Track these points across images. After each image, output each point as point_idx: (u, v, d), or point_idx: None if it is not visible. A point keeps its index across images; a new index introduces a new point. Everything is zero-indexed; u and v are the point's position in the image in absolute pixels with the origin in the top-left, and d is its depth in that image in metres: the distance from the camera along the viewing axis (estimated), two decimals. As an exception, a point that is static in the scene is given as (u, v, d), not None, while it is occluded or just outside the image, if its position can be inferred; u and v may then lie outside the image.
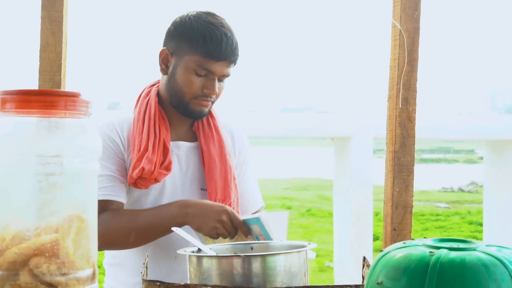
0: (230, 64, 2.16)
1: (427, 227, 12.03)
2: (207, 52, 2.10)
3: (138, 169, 2.09)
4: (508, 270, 1.09)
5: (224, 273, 1.50)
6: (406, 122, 2.09)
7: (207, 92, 2.15)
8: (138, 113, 2.21)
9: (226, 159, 2.26)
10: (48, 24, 2.07)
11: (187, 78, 2.14)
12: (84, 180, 1.25)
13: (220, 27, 2.13)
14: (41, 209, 1.22)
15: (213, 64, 2.12)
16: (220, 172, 2.22)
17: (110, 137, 2.18)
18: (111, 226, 2.08)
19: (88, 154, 1.26)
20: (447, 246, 1.16)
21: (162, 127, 2.19)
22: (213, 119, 2.31)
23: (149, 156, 2.10)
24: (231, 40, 2.13)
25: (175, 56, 2.17)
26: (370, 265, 1.32)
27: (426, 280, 1.09)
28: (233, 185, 2.25)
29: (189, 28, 2.14)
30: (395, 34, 2.11)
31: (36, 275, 1.18)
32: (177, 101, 2.19)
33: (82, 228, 1.23)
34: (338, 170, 5.52)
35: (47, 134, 1.23)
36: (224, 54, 2.11)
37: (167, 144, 2.18)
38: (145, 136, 2.14)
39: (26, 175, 1.21)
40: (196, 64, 2.12)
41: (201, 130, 2.27)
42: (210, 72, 2.13)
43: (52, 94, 1.24)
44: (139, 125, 2.17)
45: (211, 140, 2.26)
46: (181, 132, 2.28)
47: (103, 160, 2.15)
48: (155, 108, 2.20)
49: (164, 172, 2.14)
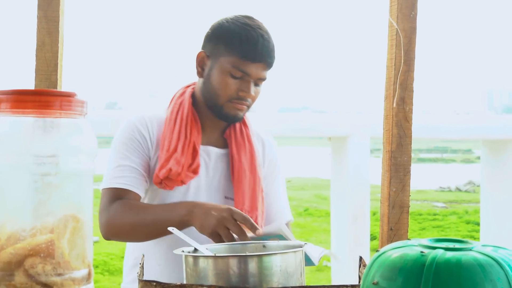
0: (266, 66, 2.12)
1: (425, 226, 12.03)
2: (243, 53, 2.07)
3: (166, 169, 2.07)
4: (504, 270, 1.09)
5: (220, 273, 1.49)
6: (402, 122, 2.09)
7: (242, 95, 2.11)
8: (170, 113, 2.18)
9: (256, 170, 2.22)
10: (45, 23, 2.06)
11: (223, 80, 2.11)
12: (80, 180, 1.25)
13: (257, 28, 2.10)
14: (37, 209, 1.22)
15: (249, 66, 2.08)
16: (249, 183, 2.19)
17: (140, 131, 2.16)
18: (119, 216, 2.06)
19: (84, 154, 1.26)
20: (443, 246, 1.16)
21: (194, 129, 2.16)
22: (246, 128, 2.28)
23: (177, 158, 2.08)
24: (267, 41, 2.10)
25: (212, 59, 2.15)
26: (367, 265, 1.32)
27: (422, 280, 1.09)
28: (260, 197, 2.21)
29: (226, 30, 2.12)
30: (392, 33, 2.11)
31: (32, 275, 1.18)
32: (212, 104, 2.15)
33: (77, 228, 1.23)
34: (335, 170, 5.51)
35: (43, 134, 1.23)
36: (260, 55, 2.08)
37: (197, 147, 2.15)
38: (175, 137, 2.12)
39: (21, 175, 1.21)
40: (232, 65, 2.09)
41: (233, 138, 2.24)
42: (245, 74, 2.09)
43: (47, 94, 1.24)
44: (170, 125, 2.15)
45: (243, 149, 2.22)
46: (212, 137, 2.25)
47: (128, 152, 2.13)
48: (188, 109, 2.17)
49: (191, 175, 2.12)
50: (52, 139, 1.24)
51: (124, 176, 2.11)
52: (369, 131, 5.24)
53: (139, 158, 2.14)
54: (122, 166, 2.12)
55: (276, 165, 2.37)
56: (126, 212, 2.06)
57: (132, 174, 2.12)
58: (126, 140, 2.15)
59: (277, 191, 2.35)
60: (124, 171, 2.11)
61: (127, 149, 2.14)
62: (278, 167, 2.38)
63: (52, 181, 1.21)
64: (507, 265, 1.10)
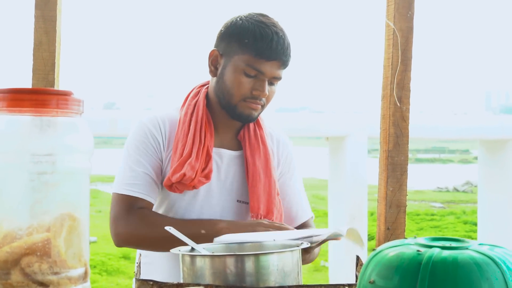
0: (281, 65, 2.08)
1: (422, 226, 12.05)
2: (257, 51, 2.03)
3: (179, 174, 2.03)
4: (501, 269, 1.09)
5: (217, 272, 1.50)
6: (399, 122, 2.09)
7: (256, 94, 2.07)
8: (184, 114, 2.14)
9: (271, 173, 2.17)
10: (42, 23, 2.06)
11: (236, 79, 2.06)
12: (76, 179, 1.25)
13: (272, 26, 2.06)
14: (33, 208, 1.22)
15: (263, 64, 2.04)
16: (264, 186, 2.15)
17: (153, 134, 2.12)
18: (142, 229, 2.04)
19: (80, 153, 1.26)
20: (439, 245, 1.16)
21: (207, 132, 2.12)
22: (260, 129, 2.23)
23: (192, 163, 2.04)
24: (282, 39, 2.06)
25: (225, 57, 2.11)
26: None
27: (418, 279, 1.09)
28: (276, 200, 2.17)
29: (239, 27, 2.08)
30: (389, 33, 2.11)
31: (28, 274, 1.17)
32: (225, 103, 2.11)
33: (74, 227, 1.23)
34: (333, 170, 5.52)
35: (39, 132, 1.23)
36: (274, 53, 2.04)
37: (210, 151, 2.11)
38: (190, 141, 2.07)
39: (18, 174, 1.20)
40: (245, 63, 2.05)
41: (247, 140, 2.19)
42: (260, 73, 2.05)
43: (44, 92, 1.24)
44: (184, 128, 2.11)
45: (257, 152, 2.17)
46: (225, 139, 2.21)
47: (140, 156, 2.10)
48: (202, 111, 2.13)
49: (203, 180, 2.08)
50: (49, 137, 1.24)
51: (137, 184, 2.08)
52: (367, 131, 5.25)
53: (152, 163, 2.11)
54: (135, 171, 2.09)
55: (292, 163, 2.33)
56: (150, 227, 2.03)
57: (145, 182, 2.09)
58: (139, 144, 2.12)
59: (294, 189, 2.32)
60: (138, 178, 2.09)
61: (140, 153, 2.11)
62: (293, 165, 2.34)
63: (48, 180, 1.20)
64: (504, 264, 1.10)
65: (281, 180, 2.29)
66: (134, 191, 2.07)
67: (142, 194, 2.08)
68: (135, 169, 2.10)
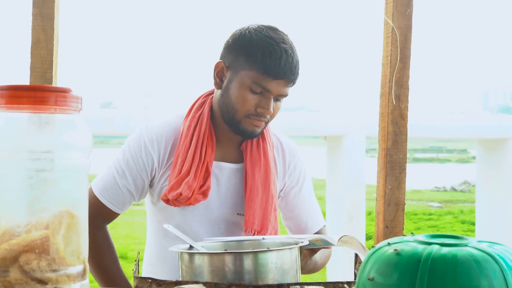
0: (288, 83, 2.03)
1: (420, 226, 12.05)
2: (264, 69, 1.97)
3: (176, 192, 2.01)
4: (500, 265, 1.09)
5: (215, 270, 1.49)
6: (398, 120, 2.09)
7: (260, 111, 2.02)
8: (188, 127, 2.10)
9: (269, 188, 2.12)
10: (40, 21, 2.06)
11: (241, 95, 2.01)
12: (75, 176, 1.25)
13: (281, 43, 2.00)
14: (32, 205, 1.22)
15: (270, 82, 1.99)
16: (261, 201, 2.10)
17: (147, 149, 2.10)
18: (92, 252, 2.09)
19: (79, 150, 1.26)
20: (438, 242, 1.16)
21: (209, 147, 2.08)
22: (264, 141, 2.16)
23: (189, 182, 2.01)
24: (291, 57, 2.00)
25: (231, 70, 2.05)
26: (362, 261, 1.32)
27: (418, 275, 1.09)
28: (272, 216, 2.11)
29: (248, 41, 2.01)
30: (388, 31, 2.11)
31: (26, 271, 1.17)
32: (229, 118, 2.07)
33: (72, 224, 1.23)
34: (331, 169, 5.51)
35: (38, 129, 1.23)
36: (282, 72, 1.98)
37: (210, 167, 2.08)
38: (189, 158, 2.04)
39: (16, 171, 1.20)
40: (252, 80, 1.99)
41: (249, 152, 2.14)
42: (266, 90, 2.00)
43: (42, 89, 1.24)
44: (186, 143, 2.07)
45: (258, 165, 2.12)
46: (227, 151, 2.16)
47: (127, 167, 2.10)
48: (206, 125, 2.09)
49: (200, 198, 2.05)
50: (47, 135, 1.24)
51: (110, 193, 2.10)
52: (365, 130, 5.24)
53: (135, 178, 2.11)
54: (114, 179, 2.11)
55: (301, 173, 2.26)
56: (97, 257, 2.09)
57: (119, 193, 2.10)
58: (130, 155, 2.12)
59: (304, 200, 2.26)
60: (114, 187, 2.10)
61: (128, 165, 2.11)
62: (303, 174, 2.27)
63: (47, 177, 1.20)
64: (503, 261, 1.10)
65: (290, 192, 2.24)
66: (103, 198, 2.10)
67: (110, 203, 2.11)
68: (115, 177, 2.11)
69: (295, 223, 2.24)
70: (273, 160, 2.19)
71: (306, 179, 2.28)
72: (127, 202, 2.14)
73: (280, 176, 2.22)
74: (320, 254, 2.08)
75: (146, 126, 2.15)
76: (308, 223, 2.25)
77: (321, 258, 2.12)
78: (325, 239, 1.81)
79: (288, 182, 2.24)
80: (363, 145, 5.31)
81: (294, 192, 2.25)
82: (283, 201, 2.24)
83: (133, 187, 2.11)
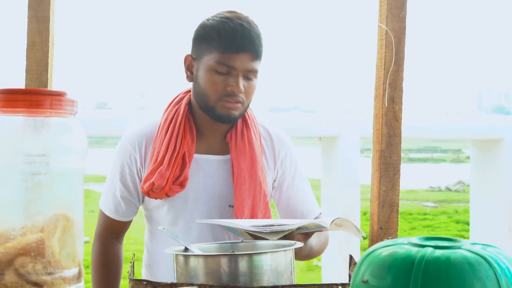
0: (251, 56, 2.01)
1: (415, 226, 12.07)
2: (223, 46, 1.99)
3: (149, 183, 2.04)
4: (493, 268, 1.10)
5: (211, 272, 1.50)
6: (392, 121, 2.10)
7: (230, 90, 2.01)
8: (164, 121, 2.13)
9: (257, 175, 2.12)
10: (35, 23, 2.06)
11: (209, 79, 2.02)
12: (70, 179, 1.25)
13: (236, 19, 2.02)
14: (27, 208, 1.22)
15: (232, 58, 1.99)
16: (249, 190, 2.10)
17: (130, 153, 2.14)
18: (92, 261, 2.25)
19: (74, 153, 1.26)
20: (432, 245, 1.16)
21: (187, 138, 2.09)
22: (248, 130, 2.16)
23: (162, 171, 2.03)
24: (247, 30, 2.00)
25: (197, 60, 2.07)
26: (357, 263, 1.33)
27: (411, 278, 1.09)
28: (262, 204, 2.12)
29: (205, 27, 2.04)
30: (382, 33, 2.12)
31: (22, 274, 1.18)
32: (204, 106, 2.07)
33: (67, 227, 1.23)
34: (326, 170, 5.52)
35: (33, 133, 1.23)
36: (241, 45, 1.99)
37: (187, 158, 2.08)
38: (163, 148, 2.06)
39: (11, 174, 1.21)
40: (215, 61, 2.00)
41: (234, 142, 2.14)
42: (231, 68, 1.99)
43: (38, 93, 1.24)
44: (161, 135, 2.10)
45: (243, 154, 2.12)
46: (213, 144, 2.17)
47: (115, 175, 2.16)
48: (182, 117, 2.10)
49: (177, 188, 2.06)
50: (42, 138, 1.24)
51: (108, 204, 2.19)
52: (359, 131, 5.25)
53: (124, 183, 2.16)
54: (109, 190, 2.19)
55: (292, 162, 2.26)
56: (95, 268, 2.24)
57: (114, 202, 2.18)
58: (116, 162, 2.17)
59: (298, 189, 2.26)
60: (108, 197, 2.19)
61: (115, 172, 2.17)
62: (294, 163, 2.27)
63: (42, 180, 1.21)
64: (496, 263, 1.11)
65: (284, 182, 2.24)
66: (106, 210, 2.21)
67: (112, 213, 2.20)
68: (110, 189, 2.19)
69: (290, 213, 2.24)
70: (261, 149, 2.19)
71: (298, 167, 2.28)
72: (129, 208, 2.19)
73: (271, 166, 2.23)
74: (316, 240, 2.07)
75: (129, 130, 2.20)
76: (304, 212, 2.24)
77: (317, 244, 2.10)
78: (318, 223, 1.81)
79: (281, 172, 2.24)
80: (358, 146, 5.33)
81: (287, 182, 2.25)
82: (277, 191, 2.24)
83: (125, 190, 2.16)
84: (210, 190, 2.14)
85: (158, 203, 2.14)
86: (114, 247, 2.25)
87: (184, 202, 2.12)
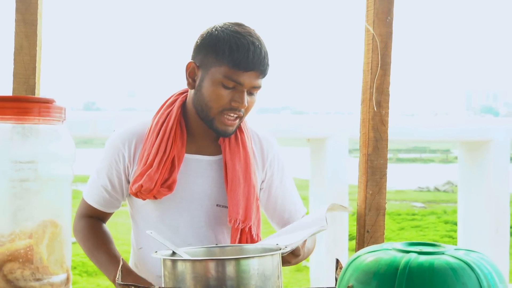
0: (259, 75, 2.04)
1: (403, 226, 12.09)
2: (234, 62, 1.99)
3: (137, 185, 2.06)
4: (476, 274, 1.11)
5: (198, 276, 1.51)
6: (379, 126, 2.11)
7: (235, 106, 2.03)
8: (156, 123, 2.14)
9: (250, 178, 2.14)
10: (23, 27, 2.06)
11: (214, 91, 2.03)
12: (58, 186, 1.26)
13: (248, 36, 2.03)
14: (15, 214, 1.23)
15: (241, 75, 2.01)
16: (243, 192, 2.12)
17: (120, 150, 2.16)
18: (79, 237, 2.25)
19: (62, 160, 1.27)
20: (416, 250, 1.18)
21: (177, 142, 2.11)
22: (241, 133, 2.20)
23: (151, 174, 2.05)
24: (259, 49, 2.02)
25: (202, 69, 2.07)
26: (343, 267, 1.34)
27: (396, 284, 1.11)
28: (254, 206, 2.14)
29: (215, 38, 2.04)
30: (368, 38, 2.13)
31: (10, 280, 1.18)
32: (204, 116, 2.09)
33: (56, 234, 1.23)
34: (314, 171, 5.55)
35: (21, 140, 1.24)
36: (252, 63, 2.00)
37: (177, 161, 2.10)
38: (153, 151, 2.08)
39: (0, 181, 1.21)
40: (223, 75, 2.01)
41: (227, 144, 2.16)
42: (238, 84, 2.01)
43: (26, 100, 1.25)
44: (152, 137, 2.11)
45: (237, 156, 2.15)
46: (203, 145, 2.19)
47: (103, 169, 2.17)
48: (174, 121, 2.12)
49: (165, 191, 2.08)
50: (31, 145, 1.25)
51: (93, 194, 2.21)
52: (348, 133, 5.27)
53: (111, 177, 2.17)
54: (95, 182, 2.21)
55: (279, 164, 2.28)
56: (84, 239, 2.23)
57: (100, 193, 2.20)
58: (105, 157, 2.19)
59: (285, 190, 2.29)
60: (95, 188, 2.21)
61: (104, 166, 2.18)
62: (281, 165, 2.29)
63: (30, 187, 1.21)
64: (479, 269, 1.12)
65: (272, 184, 2.27)
66: (89, 199, 2.23)
67: (95, 203, 2.22)
68: (95, 179, 2.21)
69: (278, 214, 2.27)
70: (252, 152, 2.21)
71: (285, 169, 2.31)
72: (108, 200, 2.21)
73: (259, 168, 2.25)
74: (310, 240, 2.11)
75: (120, 128, 2.22)
76: (292, 212, 2.28)
77: (312, 243, 2.16)
78: (319, 229, 1.82)
79: (269, 174, 2.27)
80: (346, 147, 5.35)
81: (276, 184, 2.27)
82: (265, 193, 2.26)
83: (110, 185, 2.17)
84: (198, 189, 2.16)
85: (146, 200, 2.15)
86: (99, 222, 2.28)
87: (172, 200, 2.14)
